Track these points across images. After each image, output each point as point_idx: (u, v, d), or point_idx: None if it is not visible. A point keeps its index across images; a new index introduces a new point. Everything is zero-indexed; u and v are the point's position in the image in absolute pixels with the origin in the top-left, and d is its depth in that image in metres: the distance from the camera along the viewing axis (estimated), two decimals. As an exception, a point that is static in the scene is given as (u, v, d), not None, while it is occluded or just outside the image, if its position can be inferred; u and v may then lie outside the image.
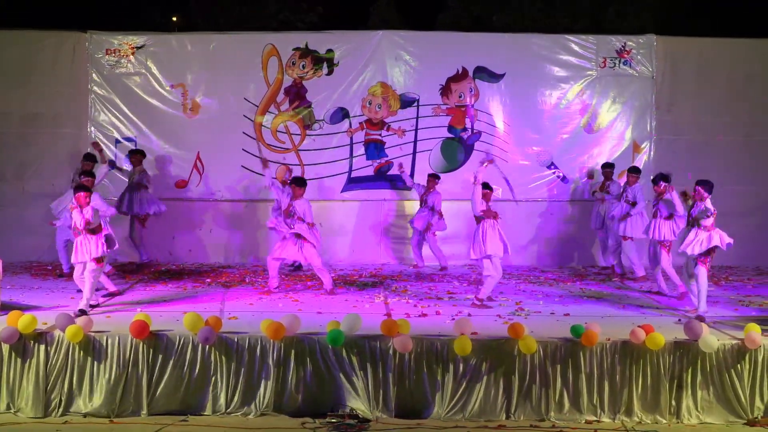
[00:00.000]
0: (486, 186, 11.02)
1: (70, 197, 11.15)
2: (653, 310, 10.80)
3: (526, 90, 14.94)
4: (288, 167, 14.59)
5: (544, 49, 14.92)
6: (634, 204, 12.91)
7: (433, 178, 14.06)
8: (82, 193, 10.20)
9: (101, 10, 20.35)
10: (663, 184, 11.55)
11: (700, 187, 10.37)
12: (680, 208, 11.09)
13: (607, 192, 13.74)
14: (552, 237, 15.15)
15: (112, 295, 11.30)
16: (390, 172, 14.75)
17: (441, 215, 13.92)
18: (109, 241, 10.30)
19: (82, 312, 9.86)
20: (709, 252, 10.26)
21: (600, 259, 14.50)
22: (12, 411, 8.89)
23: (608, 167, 14.02)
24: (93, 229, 10.11)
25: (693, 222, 10.35)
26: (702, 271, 10.25)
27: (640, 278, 13.05)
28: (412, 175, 14.77)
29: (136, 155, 13.87)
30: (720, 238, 10.21)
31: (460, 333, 8.96)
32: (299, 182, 11.90)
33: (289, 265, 14.07)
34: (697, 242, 10.19)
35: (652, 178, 12.26)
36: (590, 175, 14.72)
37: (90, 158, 12.99)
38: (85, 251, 10.07)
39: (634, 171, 13.37)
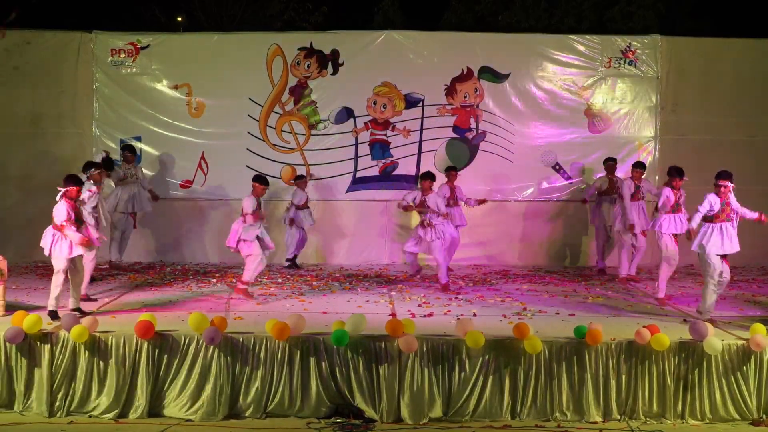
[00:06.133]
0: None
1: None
2: (658, 311, 10.79)
3: (530, 90, 14.95)
4: (293, 167, 14.64)
5: (549, 49, 14.94)
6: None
7: (454, 170, 13.94)
8: (76, 187, 10.04)
9: (106, 11, 20.36)
10: (685, 178, 11.44)
11: (728, 181, 10.10)
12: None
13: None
14: (556, 237, 15.15)
15: None
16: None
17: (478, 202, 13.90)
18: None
19: (78, 309, 9.87)
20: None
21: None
22: (17, 411, 8.90)
23: (640, 167, 13.35)
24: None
25: (723, 217, 10.13)
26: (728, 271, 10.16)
27: (621, 279, 12.99)
28: (417, 175, 14.79)
29: (131, 152, 13.85)
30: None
31: (464, 333, 8.95)
32: None
33: (288, 259, 14.07)
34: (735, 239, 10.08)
35: (667, 171, 12.02)
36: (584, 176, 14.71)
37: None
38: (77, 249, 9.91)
39: (640, 166, 13.27)
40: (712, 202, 10.08)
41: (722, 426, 8.95)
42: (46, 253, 9.79)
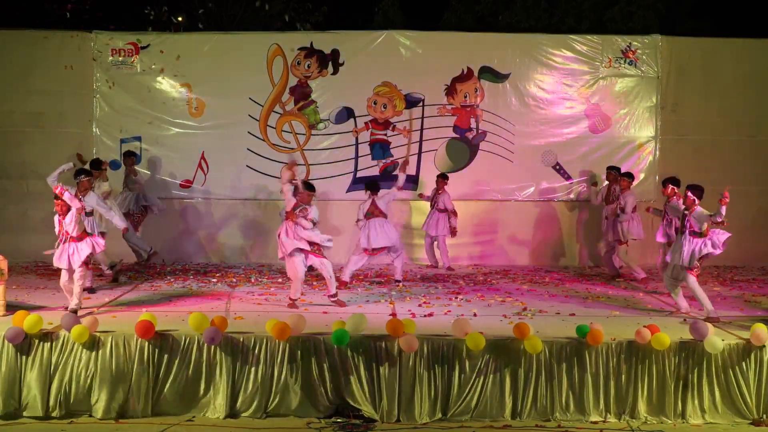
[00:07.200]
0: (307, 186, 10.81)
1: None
2: (659, 311, 10.78)
3: (531, 90, 14.96)
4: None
5: (549, 49, 14.95)
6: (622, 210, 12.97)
7: (442, 178, 14.06)
8: (59, 202, 9.96)
9: (107, 10, 20.37)
10: (670, 187, 11.50)
11: (690, 192, 10.18)
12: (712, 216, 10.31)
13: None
14: (557, 237, 15.17)
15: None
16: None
17: (455, 214, 13.98)
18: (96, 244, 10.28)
19: (74, 312, 9.84)
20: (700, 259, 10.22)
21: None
22: (17, 411, 8.88)
23: (627, 176, 13.45)
24: (79, 237, 10.04)
25: (683, 229, 10.26)
26: (691, 279, 10.17)
27: (642, 280, 13.01)
28: (417, 174, 14.82)
29: (130, 157, 13.87)
30: (712, 243, 10.11)
31: (464, 334, 8.93)
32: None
33: None
34: (688, 253, 10.12)
35: (663, 180, 12.04)
36: (593, 181, 14.60)
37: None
38: (74, 258, 9.98)
39: (628, 176, 13.36)
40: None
41: (722, 426, 8.95)
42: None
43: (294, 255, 10.62)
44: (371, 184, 12.73)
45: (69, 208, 9.97)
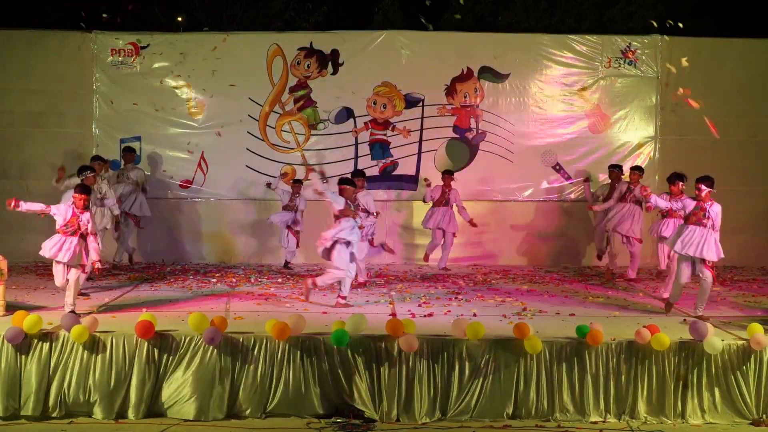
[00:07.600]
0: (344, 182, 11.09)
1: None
2: (658, 311, 10.77)
3: (530, 90, 14.98)
4: (294, 168, 14.65)
5: (549, 50, 14.97)
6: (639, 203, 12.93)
7: (449, 174, 14.04)
8: (84, 196, 10.04)
9: (106, 10, 20.33)
10: (680, 183, 11.46)
11: (704, 185, 10.14)
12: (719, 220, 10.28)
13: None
14: (556, 237, 15.17)
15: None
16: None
17: (464, 209, 14.02)
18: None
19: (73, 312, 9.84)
20: None
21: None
22: (17, 411, 8.87)
23: (638, 170, 13.48)
24: (84, 234, 10.02)
25: (694, 219, 10.23)
26: (708, 275, 10.15)
27: (633, 280, 13.03)
28: (417, 174, 14.82)
29: (130, 153, 13.92)
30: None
31: (464, 334, 8.93)
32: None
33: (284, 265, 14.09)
34: (717, 246, 10.06)
35: (667, 177, 12.02)
36: (585, 177, 14.61)
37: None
38: (80, 255, 9.98)
39: (637, 170, 13.36)
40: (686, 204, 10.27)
41: (722, 426, 8.94)
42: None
43: (340, 245, 10.81)
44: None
45: (87, 205, 10.08)
